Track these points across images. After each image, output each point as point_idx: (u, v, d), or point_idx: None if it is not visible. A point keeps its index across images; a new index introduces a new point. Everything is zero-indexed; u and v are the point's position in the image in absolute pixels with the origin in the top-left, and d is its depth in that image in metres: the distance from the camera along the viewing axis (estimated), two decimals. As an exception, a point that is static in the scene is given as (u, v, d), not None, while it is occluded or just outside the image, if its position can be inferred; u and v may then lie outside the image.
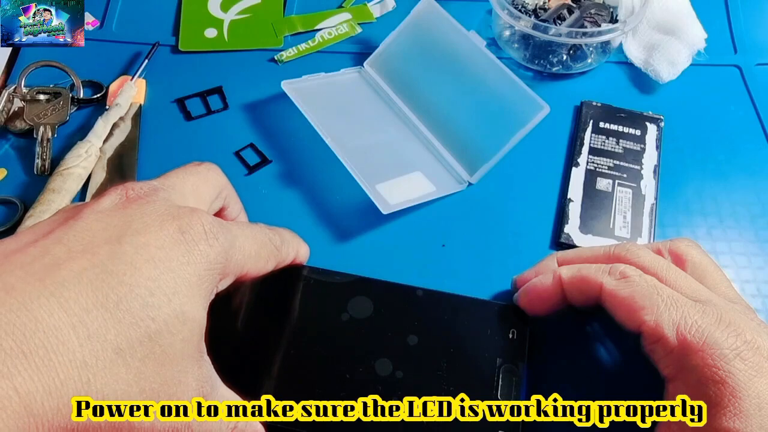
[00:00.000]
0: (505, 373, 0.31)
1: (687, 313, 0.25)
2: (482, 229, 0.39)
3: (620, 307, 0.27)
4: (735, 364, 0.23)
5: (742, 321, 0.24)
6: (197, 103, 0.46)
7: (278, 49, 0.50)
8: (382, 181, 0.39)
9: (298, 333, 0.32)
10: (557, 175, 0.42)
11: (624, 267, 0.28)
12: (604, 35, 0.44)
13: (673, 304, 0.26)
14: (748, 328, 0.24)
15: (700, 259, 0.29)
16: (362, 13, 0.53)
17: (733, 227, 0.40)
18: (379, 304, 0.33)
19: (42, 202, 0.38)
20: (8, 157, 0.43)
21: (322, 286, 0.34)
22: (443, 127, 0.43)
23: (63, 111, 0.44)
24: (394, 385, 0.30)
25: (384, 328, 0.32)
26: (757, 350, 0.23)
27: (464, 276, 0.37)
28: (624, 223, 0.39)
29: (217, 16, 0.52)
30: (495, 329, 0.32)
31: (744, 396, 0.22)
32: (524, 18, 0.45)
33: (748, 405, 0.22)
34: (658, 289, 0.26)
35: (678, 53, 0.46)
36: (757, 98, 0.47)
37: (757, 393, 0.22)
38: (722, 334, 0.24)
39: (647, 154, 0.43)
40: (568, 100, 0.46)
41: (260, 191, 0.41)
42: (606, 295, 0.28)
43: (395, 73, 0.46)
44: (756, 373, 0.23)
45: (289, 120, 0.44)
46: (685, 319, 0.25)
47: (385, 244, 0.39)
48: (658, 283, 0.27)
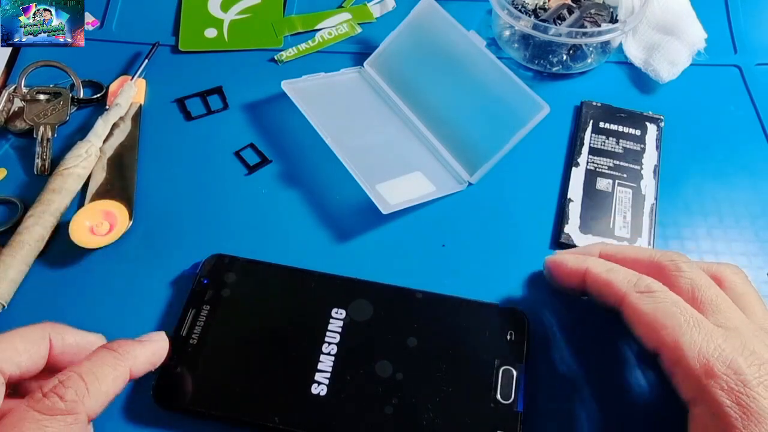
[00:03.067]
0: (503, 374, 0.31)
1: (710, 336, 0.24)
2: (482, 229, 0.39)
3: (641, 323, 0.26)
4: (759, 390, 0.23)
5: (765, 351, 0.24)
6: (197, 103, 0.46)
7: (278, 49, 0.50)
8: (382, 181, 0.39)
9: (298, 336, 0.32)
10: (557, 175, 0.42)
11: (651, 281, 0.27)
12: (604, 35, 0.44)
13: (696, 325, 0.25)
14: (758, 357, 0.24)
15: (743, 288, 0.28)
16: (362, 13, 0.53)
17: (733, 227, 0.40)
18: (379, 307, 0.33)
19: (42, 202, 0.38)
20: (8, 157, 0.43)
21: (322, 288, 0.34)
22: (443, 127, 0.43)
23: (63, 111, 0.44)
24: (394, 386, 0.30)
25: (384, 330, 0.32)
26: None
27: (464, 276, 0.37)
28: (624, 223, 0.39)
29: (217, 16, 0.52)
30: (493, 331, 0.32)
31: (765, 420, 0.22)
32: (524, 18, 0.45)
33: None
34: (681, 309, 0.26)
35: (678, 53, 0.46)
36: (757, 98, 0.47)
37: None
38: (746, 361, 0.23)
39: (647, 154, 0.43)
40: (568, 100, 0.46)
41: (260, 191, 0.41)
42: (627, 307, 0.27)
43: (395, 73, 0.46)
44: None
45: (289, 120, 0.44)
46: (708, 343, 0.24)
47: (385, 244, 0.39)
48: (683, 302, 0.26)
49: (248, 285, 0.34)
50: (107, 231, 0.37)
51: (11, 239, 0.37)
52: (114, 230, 0.37)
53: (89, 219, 0.38)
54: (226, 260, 0.35)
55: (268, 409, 0.29)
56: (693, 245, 0.39)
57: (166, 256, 0.37)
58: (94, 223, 0.38)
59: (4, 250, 0.36)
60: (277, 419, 0.29)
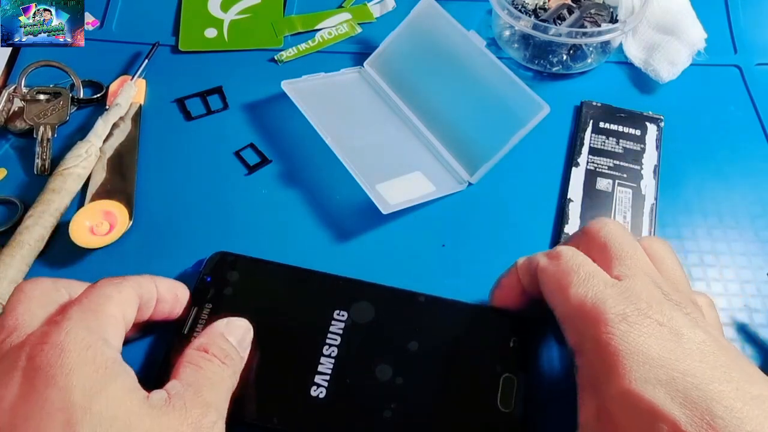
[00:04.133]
0: (504, 382, 0.30)
1: (597, 285, 0.25)
2: (482, 229, 0.39)
3: (545, 286, 0.27)
4: (619, 326, 0.23)
5: (647, 295, 0.24)
6: (197, 103, 0.46)
7: (278, 49, 0.50)
8: (382, 181, 0.39)
9: (299, 336, 0.32)
10: (557, 175, 0.42)
11: (561, 248, 0.28)
12: (604, 35, 0.44)
13: (589, 278, 0.25)
14: (651, 300, 0.24)
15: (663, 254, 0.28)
16: (362, 13, 0.53)
17: (733, 227, 0.40)
18: (381, 310, 0.33)
19: (42, 202, 0.38)
20: (8, 157, 0.43)
21: (325, 290, 0.34)
22: (443, 127, 0.43)
23: (63, 111, 0.44)
24: (393, 391, 0.30)
25: (385, 334, 0.32)
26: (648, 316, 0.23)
27: (464, 276, 0.37)
28: (624, 223, 0.39)
29: (217, 16, 0.52)
30: (496, 337, 0.32)
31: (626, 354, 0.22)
32: (524, 18, 0.45)
33: (631, 362, 0.22)
34: (582, 266, 0.26)
35: (678, 53, 0.47)
36: (757, 98, 0.47)
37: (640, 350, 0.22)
38: (614, 301, 0.24)
39: (647, 154, 0.43)
40: (568, 100, 0.46)
41: (260, 191, 0.41)
42: (539, 274, 0.28)
43: (395, 73, 0.46)
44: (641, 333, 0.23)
45: (289, 120, 0.44)
46: (593, 290, 0.25)
47: (385, 244, 0.39)
48: (586, 260, 0.27)
49: (251, 284, 0.34)
50: (107, 231, 0.37)
51: (11, 239, 0.37)
52: (114, 230, 0.37)
53: (89, 219, 0.38)
54: (230, 258, 0.35)
55: (266, 410, 0.29)
56: (693, 245, 0.39)
57: (165, 257, 0.37)
58: (94, 223, 0.38)
59: (4, 250, 0.36)
60: (275, 420, 0.29)
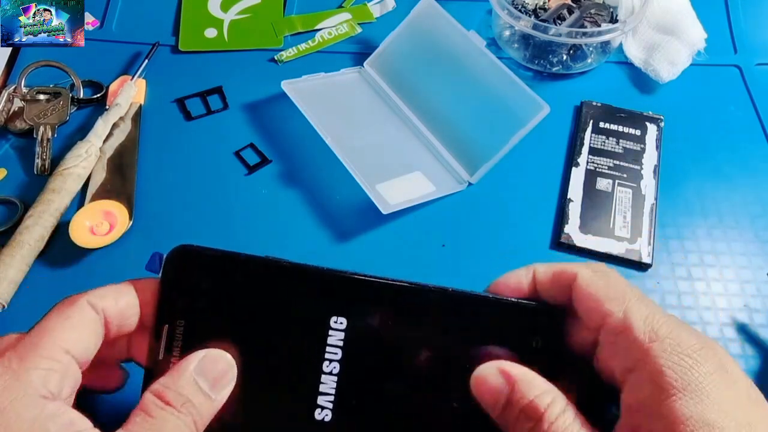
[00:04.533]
0: None
1: (656, 310, 0.26)
2: (482, 229, 0.39)
3: (590, 297, 0.27)
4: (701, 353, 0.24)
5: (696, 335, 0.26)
6: (197, 103, 0.46)
7: (278, 49, 0.50)
8: (382, 181, 0.39)
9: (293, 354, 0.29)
10: (557, 175, 0.42)
11: (602, 264, 0.29)
12: (604, 35, 0.44)
13: (644, 300, 0.27)
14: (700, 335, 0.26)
15: None
16: (362, 13, 0.53)
17: (733, 227, 0.40)
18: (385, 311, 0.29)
19: (42, 202, 0.38)
20: (8, 157, 0.43)
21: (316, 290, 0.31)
22: (443, 127, 0.43)
23: (63, 111, 0.44)
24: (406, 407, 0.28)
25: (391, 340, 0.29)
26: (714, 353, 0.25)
27: (464, 276, 0.37)
28: (624, 223, 0.39)
29: (217, 16, 0.52)
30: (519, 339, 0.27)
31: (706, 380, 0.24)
32: (524, 18, 0.45)
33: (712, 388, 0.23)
34: (630, 286, 0.27)
35: (678, 53, 0.47)
36: (757, 98, 0.47)
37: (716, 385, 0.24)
38: (686, 332, 0.25)
39: (647, 154, 0.43)
40: (568, 100, 0.46)
41: (260, 191, 0.41)
42: (579, 284, 0.28)
43: (395, 73, 0.46)
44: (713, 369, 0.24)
45: (289, 120, 0.44)
46: (655, 315, 0.26)
47: (385, 244, 0.39)
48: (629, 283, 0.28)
49: (228, 288, 0.28)
50: (107, 231, 0.37)
51: (11, 239, 0.37)
52: (114, 230, 0.37)
53: (89, 219, 0.38)
54: (195, 253, 0.27)
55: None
56: (693, 245, 0.39)
57: (166, 256, 0.37)
58: (94, 223, 0.38)
59: (4, 250, 0.36)
60: None
